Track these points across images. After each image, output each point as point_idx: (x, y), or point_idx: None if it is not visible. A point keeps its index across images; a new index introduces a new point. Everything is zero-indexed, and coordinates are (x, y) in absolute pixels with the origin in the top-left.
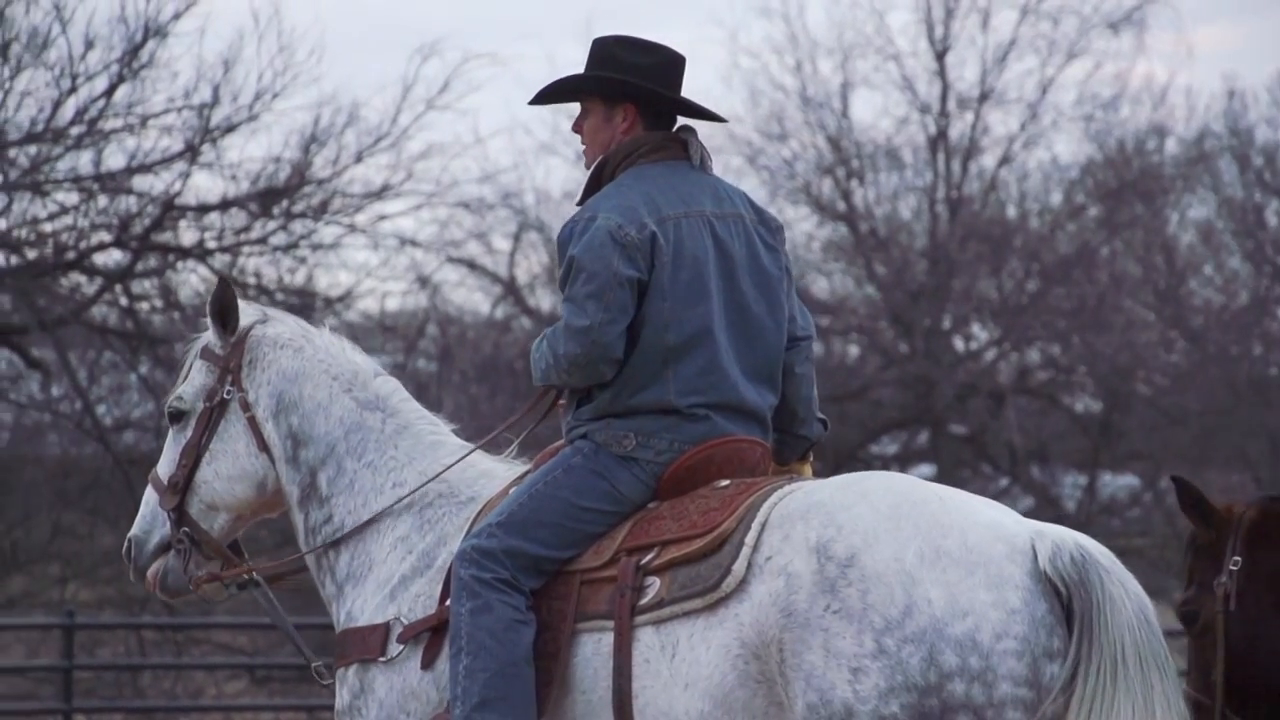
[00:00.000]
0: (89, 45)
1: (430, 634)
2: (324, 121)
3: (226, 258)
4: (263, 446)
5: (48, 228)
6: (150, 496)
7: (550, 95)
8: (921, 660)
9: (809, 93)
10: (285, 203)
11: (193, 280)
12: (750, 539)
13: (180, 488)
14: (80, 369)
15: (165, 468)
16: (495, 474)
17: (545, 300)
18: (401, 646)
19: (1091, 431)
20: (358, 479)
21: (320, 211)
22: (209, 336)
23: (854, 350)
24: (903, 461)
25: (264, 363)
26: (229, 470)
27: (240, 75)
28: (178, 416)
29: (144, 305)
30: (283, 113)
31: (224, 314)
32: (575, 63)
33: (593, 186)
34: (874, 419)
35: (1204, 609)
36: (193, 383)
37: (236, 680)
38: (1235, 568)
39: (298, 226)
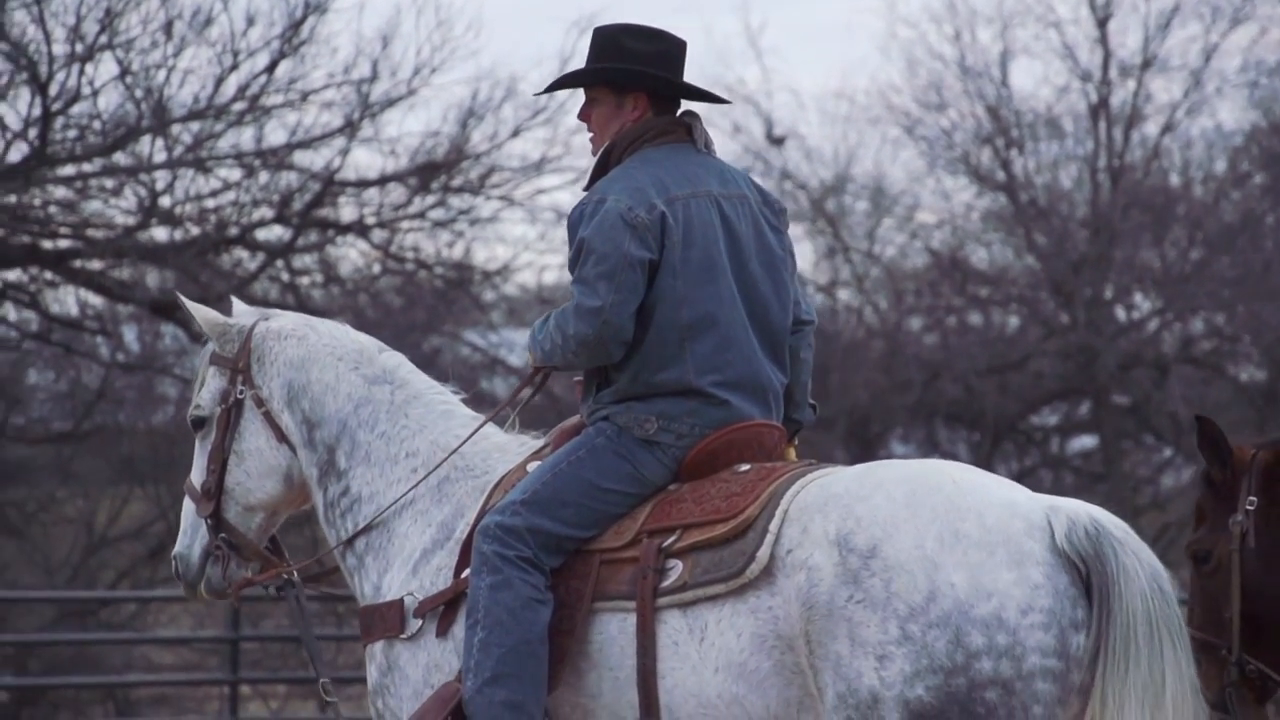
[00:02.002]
0: (250, 22)
1: (444, 606)
2: (482, 96)
3: (385, 233)
4: (282, 438)
5: (210, 204)
6: (188, 507)
7: (560, 85)
8: (948, 643)
9: (968, 62)
10: (443, 177)
11: (352, 255)
12: (774, 526)
13: (213, 493)
14: None
15: (197, 476)
16: (508, 448)
17: None
18: (419, 621)
19: (1256, 401)
20: (372, 450)
21: (478, 186)
22: (212, 344)
23: (1014, 321)
24: (1064, 433)
25: (270, 356)
26: (257, 468)
27: (398, 50)
28: (199, 424)
29: (304, 280)
30: (441, 88)
31: (202, 324)
32: (731, 33)
33: (598, 173)
34: (1035, 390)
35: (1217, 547)
36: (208, 388)
37: None
38: (1251, 508)
39: (456, 201)
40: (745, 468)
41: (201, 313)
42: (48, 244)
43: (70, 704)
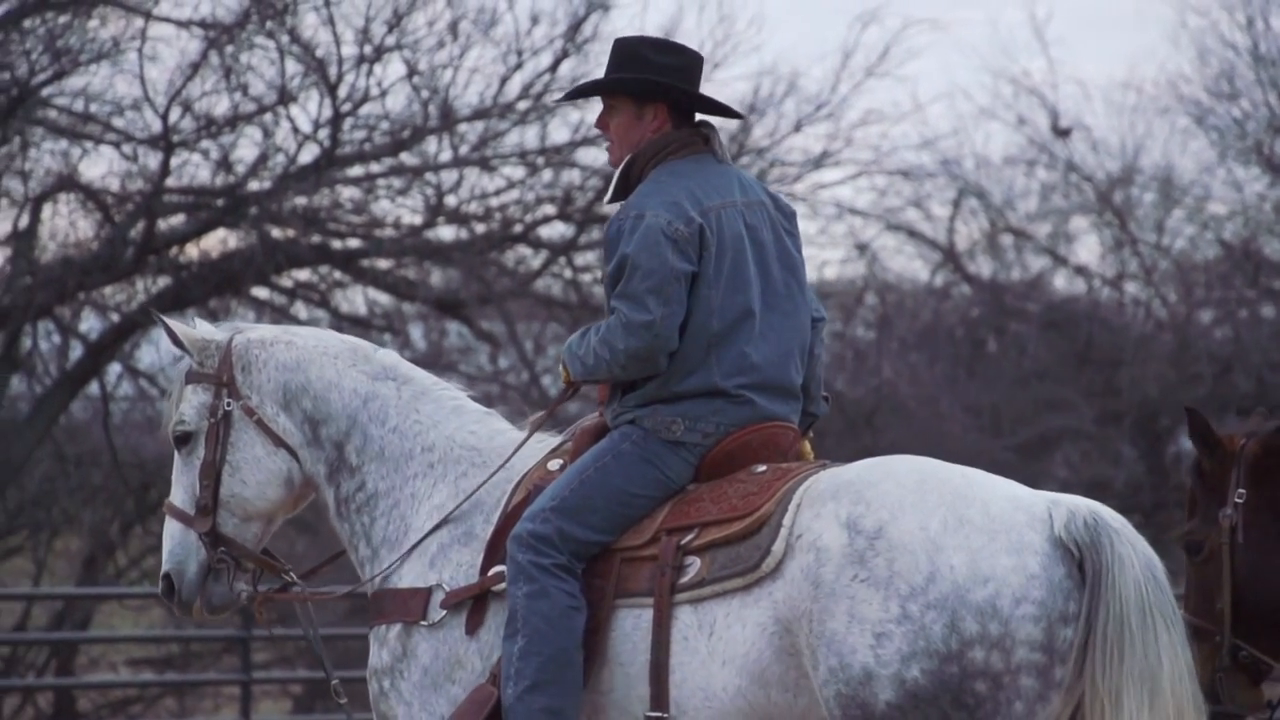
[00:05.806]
0: (534, 21)
1: (472, 602)
2: (763, 91)
3: None
4: (279, 443)
5: (495, 202)
6: (173, 527)
7: (581, 93)
8: (944, 627)
9: (1261, 50)
10: None
11: None
12: (788, 520)
13: (209, 508)
14: (527, 341)
15: (183, 494)
16: (527, 444)
17: (985, 267)
18: (444, 612)
19: None
20: (386, 445)
21: (760, 181)
22: (186, 362)
23: None
24: None
25: (258, 364)
26: (255, 477)
27: None
28: (184, 439)
29: (587, 277)
30: (723, 83)
31: (180, 344)
32: (1016, 24)
33: (621, 184)
34: None
35: (1209, 539)
36: (190, 404)
37: None
38: (1240, 500)
39: None
40: (761, 469)
41: (183, 331)
42: (337, 244)
43: (361, 696)
